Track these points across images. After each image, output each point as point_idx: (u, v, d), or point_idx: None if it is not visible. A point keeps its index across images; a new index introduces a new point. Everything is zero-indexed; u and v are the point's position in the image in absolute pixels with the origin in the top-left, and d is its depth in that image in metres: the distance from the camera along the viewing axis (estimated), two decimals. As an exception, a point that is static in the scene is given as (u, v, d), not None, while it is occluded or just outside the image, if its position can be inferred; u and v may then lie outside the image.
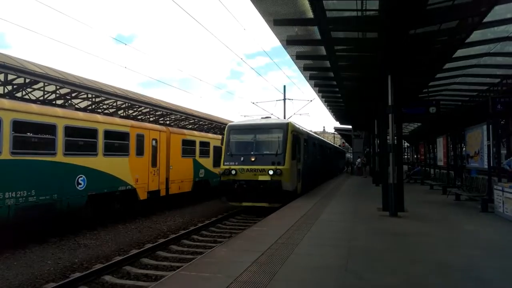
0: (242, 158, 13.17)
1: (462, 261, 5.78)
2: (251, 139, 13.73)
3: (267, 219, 9.80)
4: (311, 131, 25.58)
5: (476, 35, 9.79)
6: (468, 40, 9.91)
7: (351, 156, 46.08)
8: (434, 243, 7.09)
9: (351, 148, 48.69)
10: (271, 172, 12.60)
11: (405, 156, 44.56)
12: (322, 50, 11.58)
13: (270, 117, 17.05)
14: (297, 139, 14.43)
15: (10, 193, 8.63)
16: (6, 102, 8.97)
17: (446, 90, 16.88)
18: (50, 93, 16.24)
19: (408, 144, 44.44)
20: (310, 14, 9.03)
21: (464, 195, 13.39)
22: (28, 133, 9.78)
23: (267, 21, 9.88)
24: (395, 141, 10.69)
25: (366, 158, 33.07)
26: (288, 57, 14.26)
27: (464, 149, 15.95)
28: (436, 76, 13.48)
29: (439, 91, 16.91)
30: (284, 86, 53.68)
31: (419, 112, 13.91)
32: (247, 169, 12.95)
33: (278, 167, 12.70)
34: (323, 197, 14.83)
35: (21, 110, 9.13)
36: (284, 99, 34.46)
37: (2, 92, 14.71)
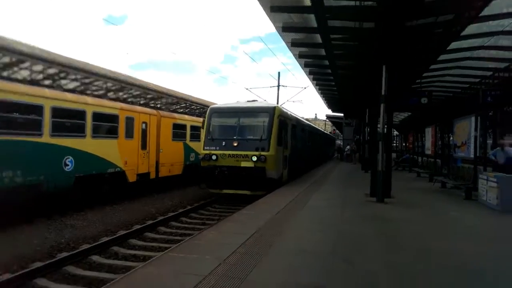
0: (224, 143, 12.39)
1: (445, 247, 5.93)
2: (234, 122, 12.86)
3: (255, 204, 9.85)
4: (303, 118, 25.50)
5: (471, 28, 9.81)
6: (463, 33, 9.94)
7: (341, 143, 46.36)
8: (419, 228, 7.25)
9: (342, 135, 49.04)
10: (254, 159, 11.90)
11: (394, 144, 45.06)
12: (318, 38, 11.50)
13: (256, 101, 16.29)
14: (284, 125, 13.71)
15: (-4, 172, 8.51)
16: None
17: (439, 82, 16.99)
18: (37, 73, 15.84)
19: (398, 133, 44.90)
20: (308, 2, 8.93)
21: (450, 183, 13.65)
22: (14, 114, 9.55)
23: (264, 7, 9.74)
24: (385, 130, 10.78)
25: (356, 146, 33.37)
26: (283, 43, 13.98)
27: (451, 139, 16.16)
28: (430, 67, 13.53)
29: (432, 82, 17.01)
30: (279, 73, 53.47)
31: (411, 102, 14.00)
32: (229, 154, 12.17)
33: (262, 153, 11.99)
34: (312, 183, 14.74)
35: (7, 90, 8.93)
36: (278, 86, 34.27)
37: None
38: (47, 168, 9.83)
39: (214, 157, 12.28)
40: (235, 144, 12.26)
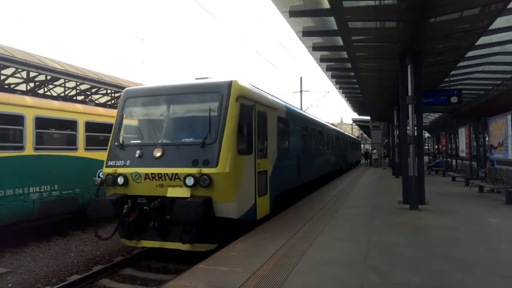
0: (139, 153, 7.17)
1: (486, 256, 5.62)
2: (159, 115, 7.85)
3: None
4: (328, 122, 23.58)
5: (500, 22, 9.42)
6: (491, 27, 9.54)
7: (370, 147, 45.23)
8: (457, 237, 6.92)
9: (370, 139, 47.95)
10: (190, 181, 6.65)
11: (426, 147, 43.61)
12: (339, 41, 11.36)
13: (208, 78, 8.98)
14: (259, 116, 8.31)
15: (34, 188, 8.92)
16: (29, 100, 9.24)
17: (468, 79, 16.36)
18: (70, 89, 16.60)
19: (429, 135, 43.47)
20: (326, 4, 8.85)
21: (487, 187, 13.01)
22: (51, 129, 10.08)
23: (283, 12, 9.75)
24: (416, 132, 10.45)
25: (385, 150, 32.58)
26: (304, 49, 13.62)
27: (487, 139, 15.46)
28: (458, 65, 13.06)
29: (461, 80, 16.40)
30: (301, 78, 53.21)
31: (440, 102, 13.57)
32: (147, 174, 6.94)
33: (206, 170, 6.66)
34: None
35: (43, 107, 9.43)
36: (301, 91, 34.23)
37: (24, 89, 15.11)
38: (81, 181, 10.23)
39: (121, 180, 7.12)
40: (158, 155, 7.02)
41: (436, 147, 37.49)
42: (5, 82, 14.34)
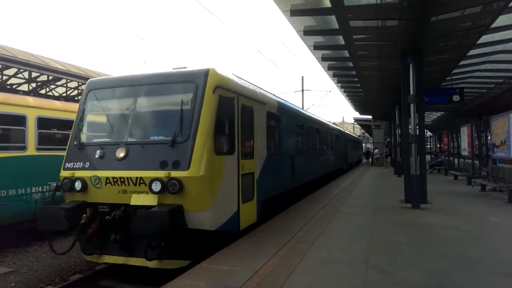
0: (99, 154, 6.26)
1: (488, 255, 5.61)
2: (125, 109, 6.74)
3: None
4: (329, 121, 23.41)
5: (501, 20, 9.38)
6: (493, 25, 9.51)
7: (371, 146, 45.09)
8: (459, 236, 6.90)
9: (372, 139, 47.86)
10: (156, 187, 5.71)
11: (428, 146, 43.52)
12: (340, 40, 11.34)
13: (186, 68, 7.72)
14: (243, 111, 7.31)
15: (36, 188, 8.96)
16: (31, 100, 9.28)
17: (470, 78, 16.31)
18: (72, 89, 16.64)
19: (431, 134, 43.40)
20: (327, 3, 8.84)
21: (489, 185, 12.98)
22: (52, 129, 10.12)
23: (284, 11, 9.74)
24: (417, 131, 10.44)
25: (387, 149, 32.52)
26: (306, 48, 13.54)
27: (489, 138, 15.42)
28: (460, 63, 13.02)
29: (463, 79, 16.35)
30: (302, 77, 53.21)
31: (442, 100, 13.55)
32: (108, 179, 6.01)
33: (175, 173, 5.73)
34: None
35: (45, 108, 9.46)
36: (302, 90, 34.20)
37: (26, 89, 15.16)
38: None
39: (78, 185, 6.15)
40: (121, 156, 6.11)
41: (438, 146, 37.45)
42: (7, 83, 14.39)
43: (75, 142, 6.66)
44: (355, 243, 6.38)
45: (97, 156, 6.26)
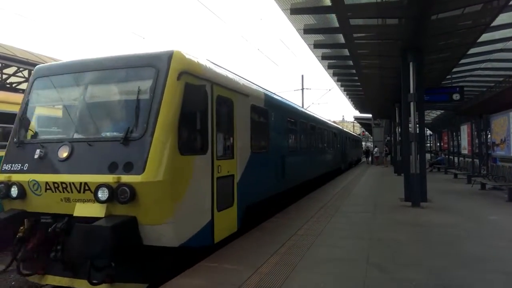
0: (38, 153, 5.26)
1: (488, 253, 5.62)
2: (73, 100, 5.72)
3: None
4: (329, 120, 23.00)
5: (502, 18, 9.37)
6: (493, 24, 9.50)
7: (371, 145, 45.02)
8: (459, 234, 6.90)
9: (372, 137, 47.84)
10: (103, 194, 4.76)
11: (428, 144, 43.52)
12: (341, 38, 11.34)
13: None
14: (220, 102, 6.30)
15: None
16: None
17: (470, 76, 16.32)
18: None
19: (431, 132, 43.40)
20: (328, 2, 8.84)
21: (489, 184, 12.99)
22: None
23: (284, 10, 9.73)
24: (417, 129, 10.44)
25: (387, 147, 32.52)
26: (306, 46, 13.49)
27: (489, 136, 15.42)
28: (460, 62, 13.02)
29: (463, 77, 16.36)
30: (302, 76, 53.28)
31: (442, 99, 13.56)
32: (48, 184, 5.06)
33: (126, 177, 4.75)
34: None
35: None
36: (302, 89, 34.21)
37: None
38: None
39: (15, 191, 5.23)
40: (64, 156, 5.13)
41: (438, 144, 37.46)
42: (7, 81, 14.37)
43: (15, 140, 5.65)
44: (355, 242, 6.39)
45: (36, 156, 5.23)
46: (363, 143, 59.51)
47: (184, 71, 5.30)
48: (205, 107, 5.76)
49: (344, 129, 30.78)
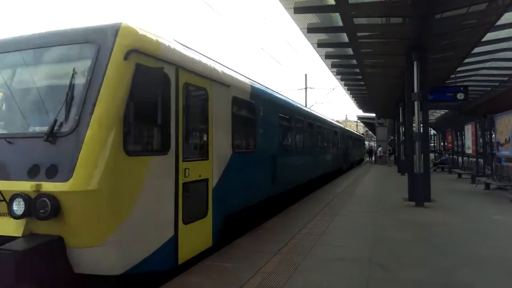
0: None
1: (493, 253, 5.60)
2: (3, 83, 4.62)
3: None
4: (333, 119, 22.57)
5: (507, 17, 9.33)
6: (498, 23, 9.46)
7: (375, 144, 44.88)
8: (463, 234, 6.88)
9: (375, 137, 47.69)
10: (18, 208, 3.63)
11: (432, 144, 43.34)
12: (344, 37, 11.32)
13: None
14: (188, 91, 5.28)
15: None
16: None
17: (475, 76, 16.26)
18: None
19: (435, 132, 43.22)
20: (331, 0, 8.82)
21: (494, 184, 12.93)
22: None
23: (287, 8, 9.72)
24: (421, 129, 10.41)
25: (391, 147, 32.42)
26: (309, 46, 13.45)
27: (494, 136, 15.33)
28: (464, 61, 12.97)
29: (467, 77, 16.30)
30: (306, 75, 53.25)
31: (446, 98, 13.49)
32: None
33: (48, 185, 3.63)
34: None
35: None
36: (306, 88, 34.17)
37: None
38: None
39: None
40: None
41: (442, 144, 37.28)
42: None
43: None
44: (359, 241, 6.37)
45: None
46: (366, 143, 59.35)
47: (135, 49, 4.21)
48: (166, 96, 4.71)
49: (346, 128, 29.60)
